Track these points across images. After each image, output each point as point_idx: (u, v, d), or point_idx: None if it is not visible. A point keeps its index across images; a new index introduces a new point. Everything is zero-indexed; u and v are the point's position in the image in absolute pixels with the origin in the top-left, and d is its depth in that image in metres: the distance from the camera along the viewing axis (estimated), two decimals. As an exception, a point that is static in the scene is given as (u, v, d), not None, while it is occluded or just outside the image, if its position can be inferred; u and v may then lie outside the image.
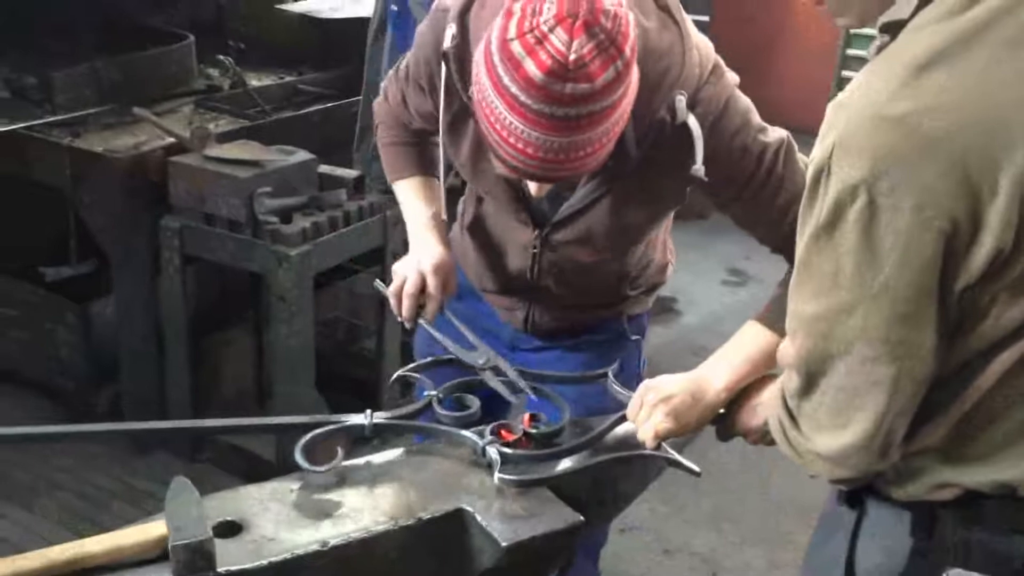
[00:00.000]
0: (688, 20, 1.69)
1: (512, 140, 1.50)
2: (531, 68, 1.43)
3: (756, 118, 1.72)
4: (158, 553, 1.38)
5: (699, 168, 1.62)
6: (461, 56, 1.70)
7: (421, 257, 1.94)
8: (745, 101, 1.72)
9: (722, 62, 1.73)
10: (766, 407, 1.37)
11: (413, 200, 2.04)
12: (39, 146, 3.29)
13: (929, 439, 1.27)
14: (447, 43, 1.70)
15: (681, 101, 1.63)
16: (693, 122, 1.63)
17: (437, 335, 1.91)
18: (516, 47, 1.44)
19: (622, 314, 2.06)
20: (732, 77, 1.73)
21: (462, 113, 1.77)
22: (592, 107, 1.46)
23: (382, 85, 2.10)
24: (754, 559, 3.18)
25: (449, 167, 1.95)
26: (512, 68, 1.45)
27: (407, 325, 1.97)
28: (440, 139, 1.82)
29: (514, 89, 1.46)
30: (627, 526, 3.22)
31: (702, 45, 1.70)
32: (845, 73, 5.94)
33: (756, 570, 3.13)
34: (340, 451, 1.61)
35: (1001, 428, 1.23)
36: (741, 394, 1.68)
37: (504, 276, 2.02)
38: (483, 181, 1.87)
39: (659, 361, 4.26)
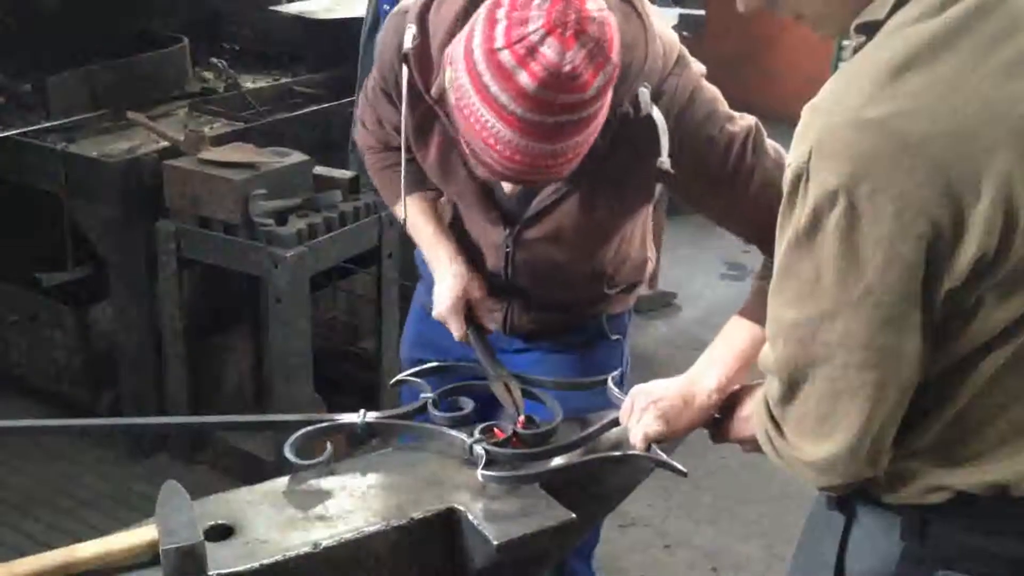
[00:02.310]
0: (651, 10, 1.67)
1: (499, 148, 1.50)
2: (524, 79, 1.42)
3: (723, 107, 1.70)
4: (149, 557, 1.38)
5: (664, 161, 1.61)
6: (421, 57, 1.70)
7: (447, 283, 1.92)
8: (712, 91, 1.71)
9: (687, 52, 1.71)
10: (757, 434, 1.36)
11: (417, 220, 1.99)
12: (34, 152, 3.29)
13: (920, 442, 1.25)
14: (408, 44, 1.68)
15: (645, 94, 1.61)
16: (657, 114, 1.62)
17: (479, 352, 1.90)
18: (506, 57, 1.43)
19: (602, 314, 2.04)
20: (698, 67, 1.72)
21: (427, 115, 1.77)
22: (582, 113, 1.47)
23: (356, 113, 2.08)
24: (754, 553, 3.18)
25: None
26: (502, 79, 1.44)
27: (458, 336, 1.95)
28: (403, 143, 1.79)
29: (503, 99, 1.45)
30: (627, 522, 3.22)
31: (665, 35, 1.68)
32: (842, 65, 5.92)
33: (756, 563, 3.13)
34: (329, 446, 1.61)
35: (992, 429, 1.22)
36: (734, 403, 1.67)
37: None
38: (452, 183, 1.85)
39: (659, 356, 4.29)
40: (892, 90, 1.11)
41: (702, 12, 5.72)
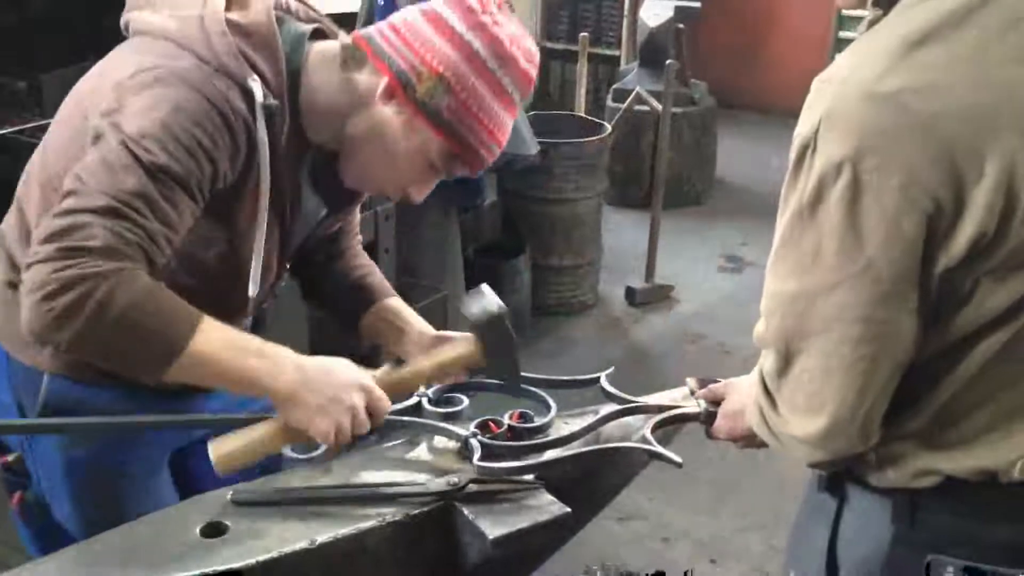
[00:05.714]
0: None
1: (500, 135, 1.59)
2: (522, 61, 1.55)
3: None
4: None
5: None
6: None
7: (347, 383, 1.58)
8: None
9: None
10: (750, 412, 1.36)
11: (233, 337, 1.67)
12: (28, 150, 3.24)
13: (910, 425, 1.26)
14: (261, 97, 1.51)
15: None
16: None
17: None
18: (505, 43, 1.53)
19: None
20: None
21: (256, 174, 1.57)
22: None
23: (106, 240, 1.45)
24: (753, 544, 3.18)
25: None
26: (513, 67, 1.55)
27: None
28: (263, 207, 1.60)
29: (509, 86, 1.56)
30: (626, 515, 3.23)
31: None
32: (838, 57, 5.93)
33: (755, 554, 3.14)
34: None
35: (983, 415, 1.23)
36: (724, 401, 1.68)
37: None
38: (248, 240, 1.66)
39: (657, 349, 4.30)
40: (906, 64, 1.11)
41: (697, 4, 5.73)
